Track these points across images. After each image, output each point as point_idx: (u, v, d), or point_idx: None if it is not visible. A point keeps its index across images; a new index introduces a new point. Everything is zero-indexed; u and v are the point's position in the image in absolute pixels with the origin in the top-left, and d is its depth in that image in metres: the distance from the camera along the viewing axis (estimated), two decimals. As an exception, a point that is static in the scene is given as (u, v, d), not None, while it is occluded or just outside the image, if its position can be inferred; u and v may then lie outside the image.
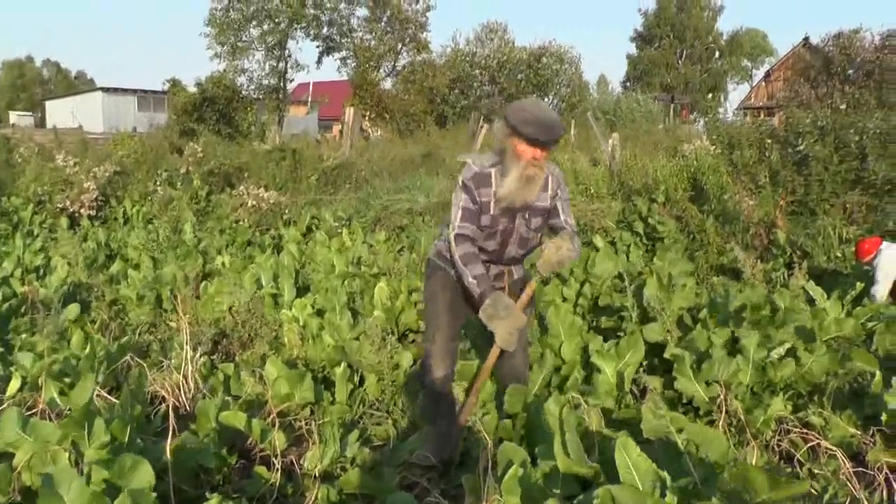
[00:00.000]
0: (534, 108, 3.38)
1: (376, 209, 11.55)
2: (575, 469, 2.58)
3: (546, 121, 3.31)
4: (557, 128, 3.35)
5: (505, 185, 3.41)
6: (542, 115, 3.33)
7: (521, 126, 3.31)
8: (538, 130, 3.29)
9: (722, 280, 7.22)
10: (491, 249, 3.58)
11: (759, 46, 64.44)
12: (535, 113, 3.34)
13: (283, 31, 35.71)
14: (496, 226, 3.51)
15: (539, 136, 3.29)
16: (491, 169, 3.46)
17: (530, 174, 3.37)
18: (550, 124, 3.31)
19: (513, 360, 3.77)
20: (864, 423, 3.66)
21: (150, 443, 3.32)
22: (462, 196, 3.49)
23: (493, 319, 3.39)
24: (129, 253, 9.11)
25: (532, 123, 3.29)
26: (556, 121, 3.36)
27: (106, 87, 44.33)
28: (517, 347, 3.69)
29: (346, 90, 36.79)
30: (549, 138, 3.32)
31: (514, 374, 3.81)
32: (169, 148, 18.22)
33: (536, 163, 3.36)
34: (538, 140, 3.30)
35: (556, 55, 41.17)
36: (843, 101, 16.92)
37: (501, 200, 3.44)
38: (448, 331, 3.70)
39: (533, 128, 3.29)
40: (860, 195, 9.48)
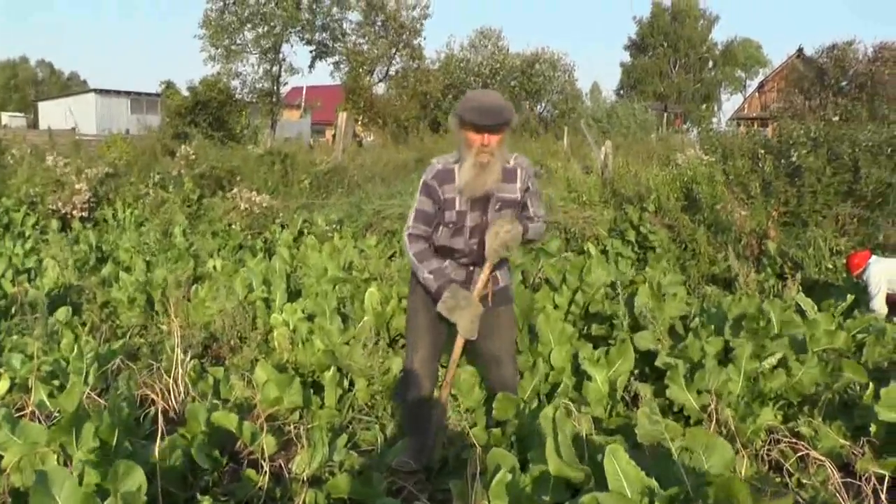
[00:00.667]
0: (478, 94, 3.37)
1: (368, 214, 11.55)
2: (566, 472, 2.57)
3: (489, 105, 3.29)
4: (501, 111, 3.29)
5: (461, 175, 3.41)
6: (486, 100, 3.31)
7: (465, 113, 3.30)
8: (481, 115, 3.26)
9: (714, 290, 7.24)
10: (459, 247, 3.53)
11: (753, 57, 64.79)
12: (479, 98, 3.33)
13: (277, 34, 35.69)
14: (463, 221, 3.48)
15: (482, 120, 3.27)
16: (454, 164, 3.45)
17: (482, 161, 3.34)
18: (493, 108, 3.28)
19: (501, 371, 3.75)
20: (854, 433, 3.67)
21: (138, 446, 3.30)
22: (419, 197, 3.51)
23: (455, 311, 3.38)
24: (120, 255, 9.08)
25: (475, 109, 3.28)
26: (500, 105, 3.31)
27: (99, 88, 44.31)
28: (504, 360, 3.72)
29: (339, 95, 36.82)
30: (492, 122, 3.27)
31: (503, 384, 3.76)
32: (161, 150, 18.17)
33: (486, 149, 3.32)
34: (483, 125, 3.28)
35: (550, 62, 41.28)
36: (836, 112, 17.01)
37: (463, 192, 3.43)
38: (428, 350, 3.68)
39: (476, 113, 3.27)
40: (852, 207, 9.53)
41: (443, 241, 3.53)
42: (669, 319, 4.92)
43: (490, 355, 3.73)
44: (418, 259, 3.47)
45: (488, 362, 3.77)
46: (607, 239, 9.53)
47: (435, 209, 3.49)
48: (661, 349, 4.42)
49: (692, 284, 7.97)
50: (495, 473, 2.52)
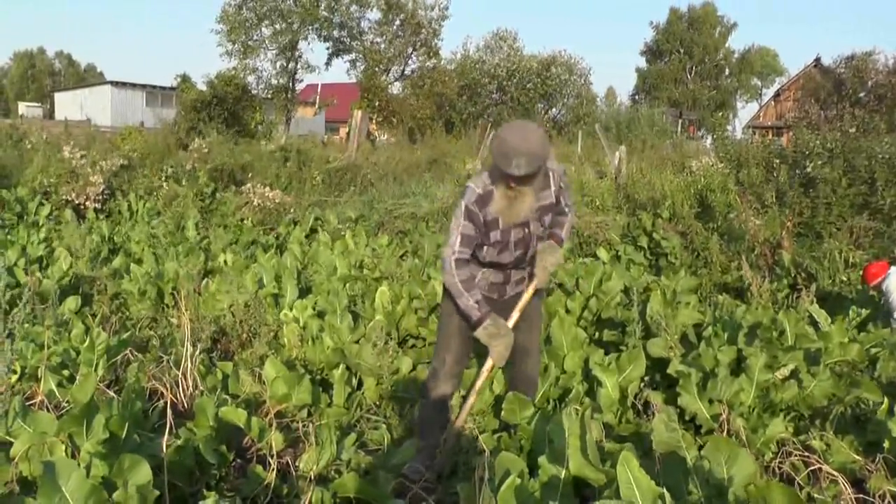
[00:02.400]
0: (513, 139, 3.27)
1: (380, 213, 11.55)
2: (587, 473, 2.55)
3: (519, 158, 3.23)
4: (531, 162, 3.24)
5: (494, 203, 3.46)
6: (518, 149, 3.23)
7: (496, 158, 3.30)
8: (509, 165, 3.25)
9: (726, 298, 7.19)
10: (506, 261, 3.62)
11: (770, 65, 64.46)
12: (512, 146, 3.25)
13: (295, 31, 35.76)
14: (508, 238, 3.54)
15: (510, 171, 3.26)
16: (492, 186, 3.46)
17: (511, 195, 3.40)
18: (522, 161, 3.23)
19: (528, 362, 3.87)
20: (867, 449, 3.63)
21: (146, 439, 3.30)
22: (462, 221, 3.50)
23: (494, 338, 3.48)
24: (132, 247, 9.09)
25: (505, 157, 3.25)
26: (531, 155, 3.24)
27: (115, 80, 44.49)
28: (532, 352, 3.86)
29: (354, 93, 36.88)
30: (522, 174, 3.26)
31: (527, 375, 3.89)
32: (175, 144, 18.21)
33: (513, 188, 3.37)
34: (509, 175, 3.30)
35: (566, 65, 41.22)
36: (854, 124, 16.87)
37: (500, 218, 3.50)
38: (458, 353, 3.77)
39: (504, 162, 3.26)
40: (868, 220, 9.45)
41: (490, 258, 3.60)
42: (682, 327, 4.89)
43: (520, 346, 3.76)
44: (464, 287, 3.51)
45: (517, 353, 3.78)
46: (620, 244, 9.48)
47: (477, 232, 3.52)
48: (674, 357, 4.39)
49: (704, 293, 7.92)
50: (504, 478, 2.49)
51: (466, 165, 15.01)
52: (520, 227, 3.52)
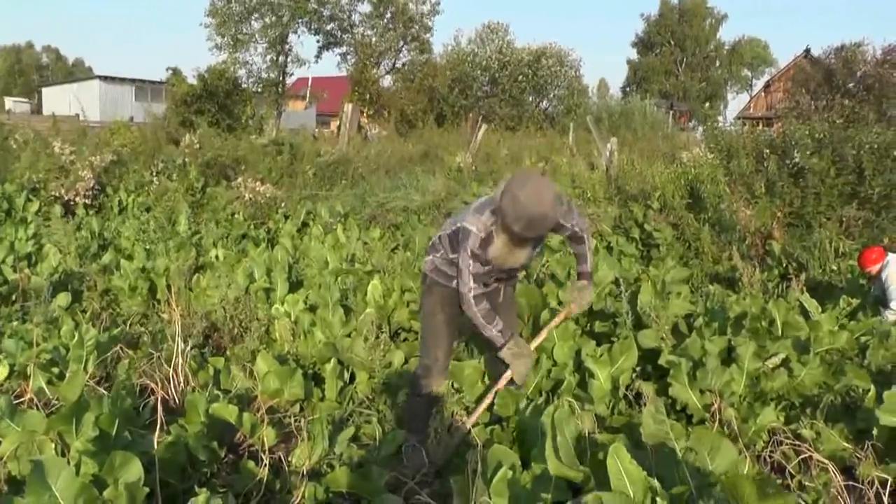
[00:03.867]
0: (528, 200, 3.28)
1: (372, 206, 11.53)
2: (565, 472, 2.55)
3: (530, 222, 3.30)
4: (539, 228, 3.37)
5: (492, 249, 3.52)
6: (532, 213, 3.28)
7: (508, 217, 3.33)
8: (519, 228, 3.33)
9: (718, 288, 7.20)
10: (493, 277, 3.74)
11: (760, 56, 64.59)
12: (527, 208, 3.27)
13: (284, 24, 35.64)
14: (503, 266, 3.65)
15: (521, 233, 3.36)
16: (492, 228, 3.50)
17: (514, 245, 3.48)
18: (531, 225, 3.31)
19: None
20: (857, 436, 3.65)
21: (137, 435, 3.29)
22: (469, 262, 3.56)
23: (517, 358, 3.59)
24: (122, 243, 9.06)
25: (518, 220, 3.30)
26: (544, 218, 3.33)
27: (104, 75, 44.16)
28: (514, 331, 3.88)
29: (345, 86, 36.78)
30: (535, 235, 3.42)
31: None
32: (166, 138, 18.13)
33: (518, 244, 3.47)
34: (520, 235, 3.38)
35: (557, 57, 41.16)
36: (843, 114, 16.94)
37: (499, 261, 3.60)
38: (448, 348, 3.87)
39: (517, 224, 3.31)
40: (857, 209, 9.47)
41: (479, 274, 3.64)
42: (673, 318, 4.89)
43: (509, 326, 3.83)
44: (486, 320, 3.62)
45: None
46: (611, 235, 9.50)
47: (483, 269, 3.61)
48: (665, 347, 4.40)
49: (695, 283, 7.93)
50: (496, 470, 2.50)
51: (457, 158, 14.99)
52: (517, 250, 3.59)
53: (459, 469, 3.09)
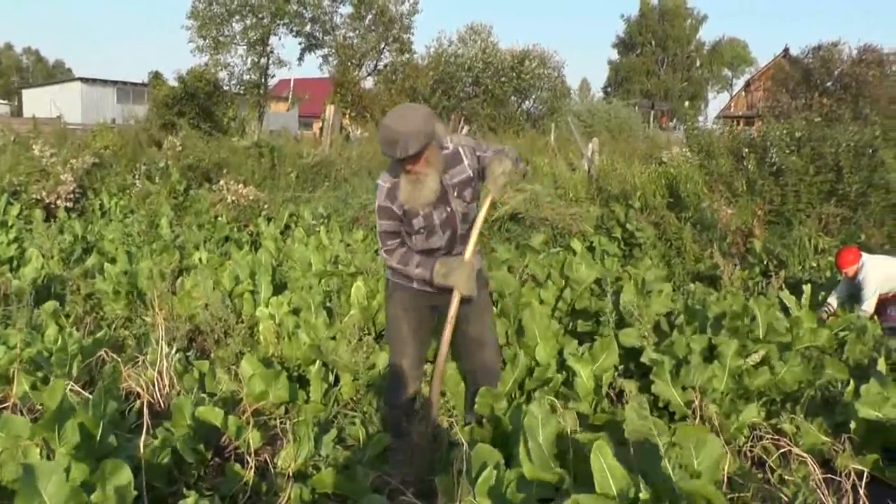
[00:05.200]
0: (393, 123, 3.27)
1: (355, 208, 11.52)
2: (540, 475, 2.59)
3: (391, 140, 3.24)
4: (402, 145, 3.23)
5: (400, 192, 3.46)
6: (389, 133, 3.25)
7: (382, 147, 3.33)
8: (385, 149, 3.30)
9: (699, 287, 7.27)
10: (437, 245, 3.59)
11: (740, 56, 65.17)
12: (392, 130, 3.25)
13: (265, 26, 35.59)
14: (432, 221, 3.52)
15: (389, 153, 3.29)
16: (396, 179, 3.48)
17: (412, 179, 3.41)
18: (394, 143, 3.23)
19: (484, 353, 3.80)
20: (835, 430, 3.72)
21: (123, 440, 3.29)
22: (379, 221, 3.58)
23: (450, 274, 3.46)
24: (105, 246, 9.02)
25: (388, 144, 3.27)
26: (410, 135, 3.22)
27: (85, 77, 43.87)
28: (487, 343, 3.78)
29: (328, 88, 36.76)
30: (395, 155, 3.27)
31: (485, 367, 3.82)
32: (148, 141, 18.05)
33: (413, 170, 3.38)
34: (391, 157, 3.33)
35: (540, 58, 41.26)
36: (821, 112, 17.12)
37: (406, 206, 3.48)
38: (415, 355, 3.75)
39: (389, 149, 3.28)
40: (835, 207, 9.58)
41: (420, 246, 3.59)
42: (655, 316, 4.94)
43: (472, 339, 3.77)
44: (402, 262, 3.57)
45: (472, 346, 3.80)
46: (594, 235, 9.55)
47: (398, 224, 3.56)
48: (647, 345, 4.44)
49: (678, 282, 8.00)
50: (481, 470, 2.52)
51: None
52: (441, 208, 3.50)
53: (444, 468, 3.12)
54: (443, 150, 3.48)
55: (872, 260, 6.71)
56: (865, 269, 6.60)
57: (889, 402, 3.59)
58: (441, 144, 3.48)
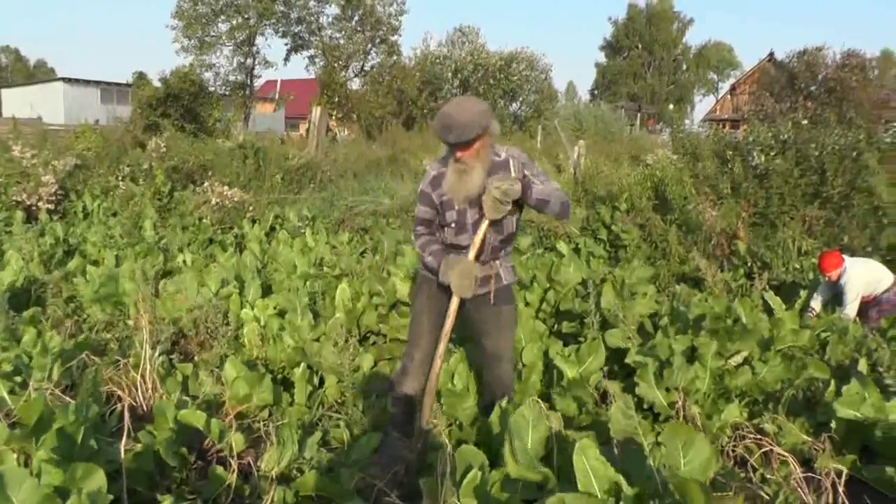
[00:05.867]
0: (449, 108, 3.38)
1: (340, 210, 11.51)
2: (525, 475, 2.58)
3: (452, 123, 3.32)
4: (464, 130, 3.30)
5: (445, 181, 3.53)
6: (451, 118, 3.33)
7: (437, 131, 3.40)
8: (444, 133, 3.35)
9: (685, 288, 7.30)
10: (465, 244, 3.59)
11: (726, 60, 65.56)
12: (447, 114, 3.36)
13: (251, 26, 35.50)
14: (464, 219, 3.57)
15: (445, 139, 3.36)
16: (444, 168, 3.55)
17: (460, 168, 3.44)
18: (456, 126, 3.30)
19: (500, 368, 3.77)
20: (817, 429, 3.74)
21: (104, 444, 3.26)
22: (418, 205, 3.66)
23: (447, 272, 3.48)
24: (88, 249, 8.95)
25: (439, 127, 3.36)
26: (464, 121, 3.31)
27: (68, 77, 43.48)
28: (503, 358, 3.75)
29: (314, 89, 36.67)
30: (454, 141, 3.34)
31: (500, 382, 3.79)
32: (132, 142, 17.95)
33: (460, 160, 3.42)
34: (447, 143, 3.38)
35: (528, 61, 41.33)
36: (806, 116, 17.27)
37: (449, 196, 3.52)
38: (427, 350, 3.74)
39: (440, 131, 3.36)
40: (819, 209, 9.66)
41: (450, 240, 3.64)
42: (639, 317, 4.96)
43: (490, 352, 3.77)
44: (422, 248, 3.65)
45: (488, 359, 3.80)
46: (579, 237, 9.57)
47: (433, 213, 3.62)
48: (631, 347, 4.46)
49: (663, 283, 8.03)
50: (465, 471, 2.52)
51: (423, 161, 15.04)
52: (476, 209, 3.52)
53: (429, 470, 3.11)
54: (494, 157, 3.53)
55: (855, 264, 6.76)
56: (848, 274, 6.65)
57: (868, 402, 3.62)
58: (495, 150, 3.54)
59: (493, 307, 3.67)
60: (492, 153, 3.52)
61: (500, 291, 3.70)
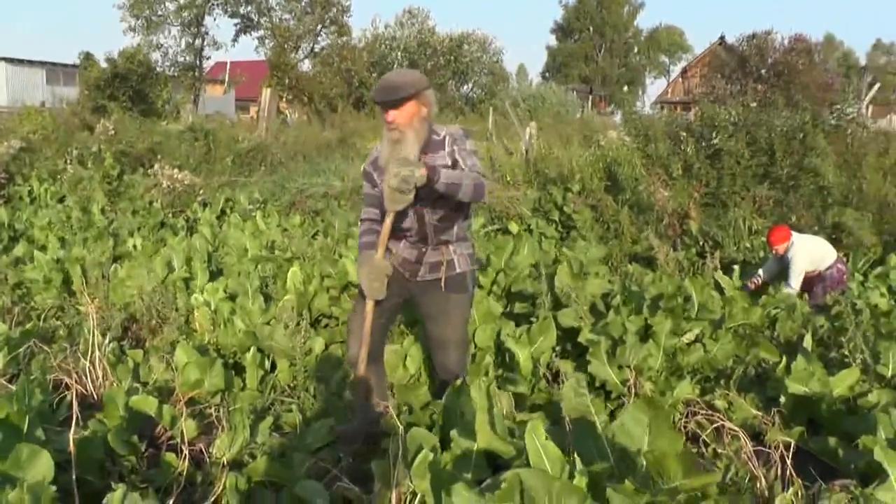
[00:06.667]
0: (388, 74, 3.45)
1: (291, 193, 11.41)
2: (497, 446, 2.59)
3: (383, 81, 3.36)
4: (398, 87, 3.32)
5: (381, 153, 3.49)
6: (387, 79, 3.37)
7: (372, 95, 3.42)
8: (377, 92, 3.36)
9: (636, 268, 7.38)
10: (406, 226, 3.50)
11: (677, 43, 66.25)
12: (384, 77, 3.40)
13: (199, 6, 34.90)
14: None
15: (378, 97, 3.35)
16: None
17: (392, 137, 3.39)
18: (390, 85, 3.33)
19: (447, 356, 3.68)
20: (767, 404, 3.82)
21: (52, 433, 3.19)
22: (364, 185, 3.66)
23: (359, 272, 3.49)
24: (35, 234, 8.75)
25: (376, 88, 3.38)
26: (399, 81, 3.34)
27: (10, 57, 42.23)
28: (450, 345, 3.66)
29: (264, 71, 36.21)
30: (385, 98, 3.32)
31: (446, 370, 3.70)
32: (80, 125, 17.56)
33: (392, 125, 3.37)
34: (379, 101, 3.37)
35: (479, 43, 41.29)
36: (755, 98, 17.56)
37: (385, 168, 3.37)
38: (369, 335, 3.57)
39: (375, 91, 3.38)
40: (768, 189, 9.84)
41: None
42: (591, 297, 5.00)
43: (436, 339, 3.70)
44: (360, 236, 3.68)
45: (433, 345, 3.75)
46: (531, 218, 9.61)
47: (376, 192, 3.55)
48: (584, 326, 4.49)
49: (615, 263, 8.11)
50: (416, 453, 2.51)
51: (374, 143, 14.99)
52: None
53: (380, 453, 3.11)
54: (433, 136, 3.47)
55: (801, 239, 6.95)
56: (794, 249, 6.84)
57: (814, 378, 3.71)
58: (434, 129, 3.49)
59: (442, 294, 3.57)
60: (430, 130, 3.46)
61: (451, 279, 3.58)
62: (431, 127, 3.47)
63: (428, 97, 3.42)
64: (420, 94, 3.36)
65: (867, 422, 3.32)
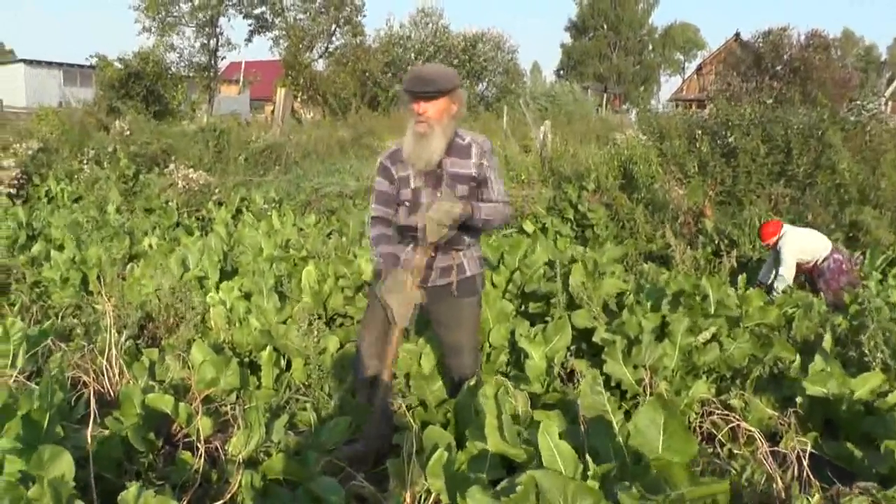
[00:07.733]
0: (420, 66, 3.45)
1: (307, 192, 11.44)
2: (505, 449, 2.58)
3: (422, 73, 3.33)
4: (434, 80, 3.30)
5: (404, 146, 3.46)
6: (421, 70, 3.36)
7: (404, 83, 3.38)
8: (412, 82, 3.32)
9: (652, 266, 7.35)
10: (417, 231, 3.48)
11: (692, 40, 65.94)
12: (417, 68, 3.39)
13: (214, 6, 35.03)
14: (419, 198, 3.47)
15: (412, 87, 3.31)
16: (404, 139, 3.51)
17: (420, 130, 3.37)
18: (426, 76, 3.31)
19: (460, 362, 3.70)
20: (783, 405, 3.79)
21: (71, 430, 3.22)
22: (377, 178, 3.59)
23: (388, 293, 3.34)
24: (52, 233, 8.81)
25: (409, 78, 3.35)
26: (435, 74, 3.33)
27: (29, 59, 42.57)
28: (463, 351, 3.67)
29: (279, 70, 36.31)
30: (422, 89, 3.29)
31: (461, 375, 3.69)
32: (96, 125, 17.66)
33: (422, 118, 3.34)
34: (413, 91, 3.32)
35: (494, 42, 41.17)
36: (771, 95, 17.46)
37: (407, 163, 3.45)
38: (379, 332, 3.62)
39: (409, 81, 3.34)
40: (784, 187, 9.78)
41: (403, 221, 3.54)
42: (605, 297, 4.98)
43: (450, 345, 3.72)
44: (374, 242, 3.56)
45: (448, 352, 3.76)
46: (546, 217, 9.59)
47: (391, 189, 3.54)
48: (599, 325, 4.48)
49: (630, 262, 8.08)
50: (432, 452, 2.51)
51: (389, 143, 15.00)
52: (431, 190, 3.45)
53: (396, 451, 3.11)
54: (458, 140, 3.47)
55: (792, 231, 7.05)
56: (784, 239, 6.98)
57: (833, 379, 3.67)
58: (459, 133, 3.48)
59: (454, 299, 3.56)
60: (456, 133, 3.46)
61: (462, 283, 3.58)
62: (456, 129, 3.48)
63: (460, 96, 3.42)
64: (454, 92, 3.37)
65: (887, 423, 3.29)
